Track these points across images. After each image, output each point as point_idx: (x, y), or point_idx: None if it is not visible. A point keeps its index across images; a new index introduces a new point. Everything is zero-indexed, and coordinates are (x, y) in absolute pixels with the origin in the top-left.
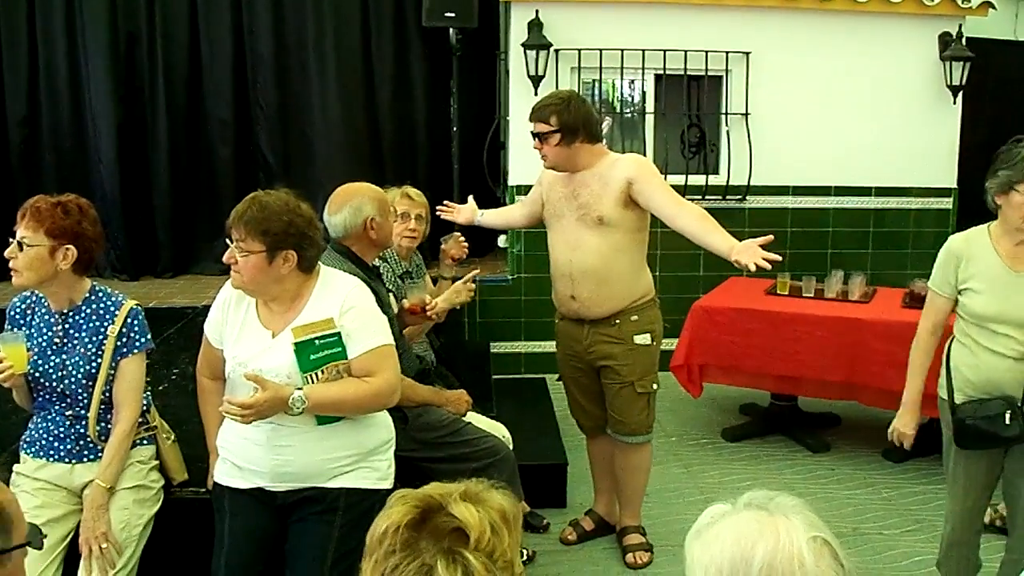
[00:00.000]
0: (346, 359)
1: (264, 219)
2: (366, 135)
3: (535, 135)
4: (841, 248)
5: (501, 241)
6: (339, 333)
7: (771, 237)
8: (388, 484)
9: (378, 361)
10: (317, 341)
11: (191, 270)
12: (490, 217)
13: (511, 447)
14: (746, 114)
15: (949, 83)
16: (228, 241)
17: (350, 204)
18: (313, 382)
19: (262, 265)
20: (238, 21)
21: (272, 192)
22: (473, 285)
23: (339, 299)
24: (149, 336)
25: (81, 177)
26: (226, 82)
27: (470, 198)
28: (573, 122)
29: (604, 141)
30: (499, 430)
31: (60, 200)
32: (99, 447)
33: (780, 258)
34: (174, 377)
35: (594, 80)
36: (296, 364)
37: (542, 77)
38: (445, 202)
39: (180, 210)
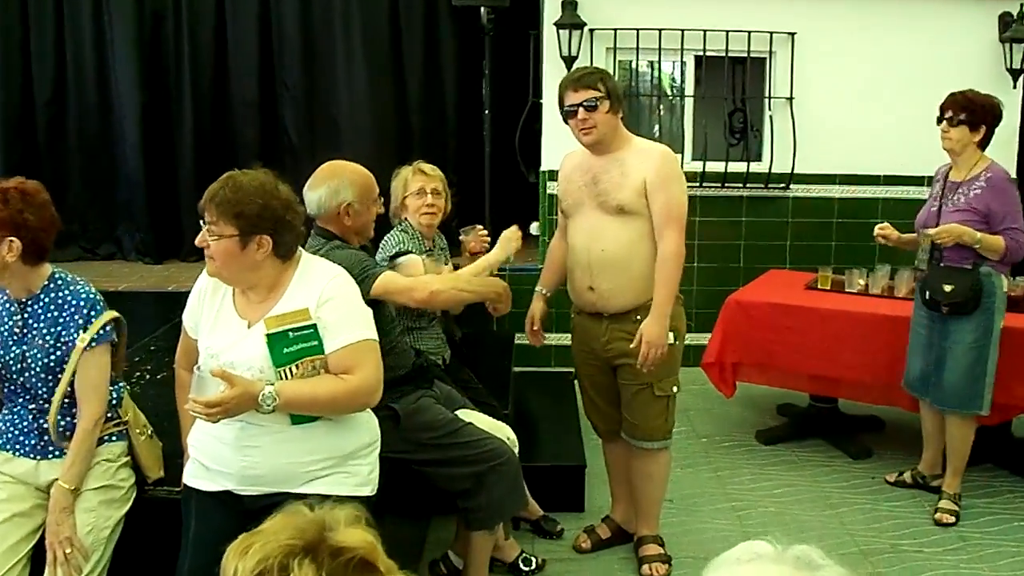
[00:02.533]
0: (323, 354)
1: (237, 201)
2: (394, 117)
3: (579, 106)
4: None
5: (533, 228)
6: (315, 325)
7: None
8: (369, 490)
9: (357, 357)
10: (291, 333)
11: None
12: (551, 278)
13: (516, 449)
14: (790, 98)
15: (1009, 66)
16: (201, 223)
17: (329, 183)
18: (287, 377)
19: (234, 250)
20: (264, 1)
21: (249, 172)
22: (519, 232)
23: (317, 289)
24: (110, 328)
25: (107, 160)
26: (252, 63)
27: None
28: (616, 90)
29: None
30: (502, 431)
31: (1, 187)
32: (63, 445)
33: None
34: None
35: (631, 62)
36: (269, 357)
37: (575, 58)
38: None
39: (204, 192)
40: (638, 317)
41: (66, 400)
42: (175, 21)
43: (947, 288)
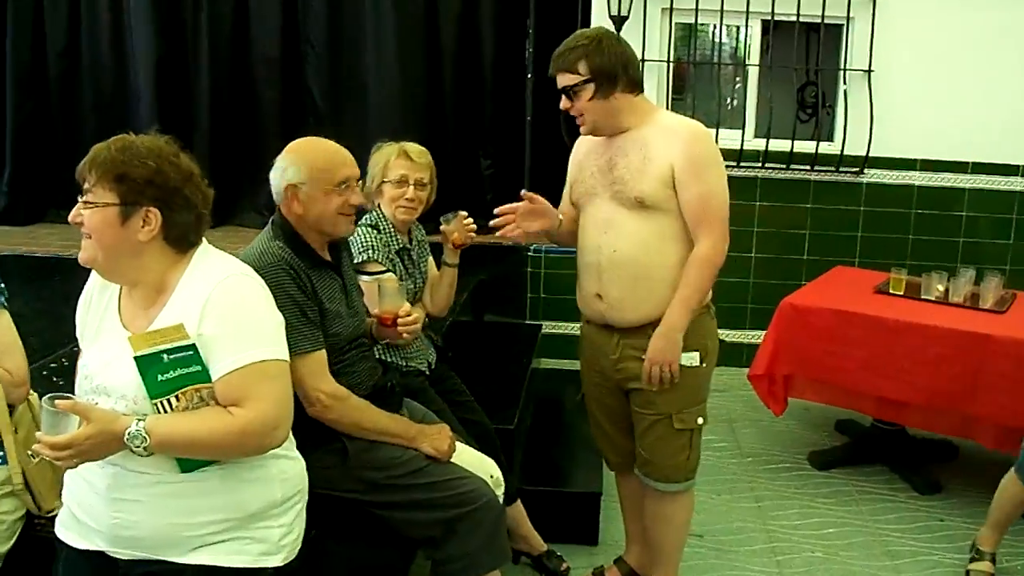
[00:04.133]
0: (209, 381)
1: (123, 161)
2: (426, 77)
3: (562, 91)
4: (976, 238)
5: None
6: (194, 345)
7: None
8: (279, 560)
9: (249, 384)
10: (166, 356)
11: (232, 220)
12: (567, 225)
13: (500, 490)
14: (868, 71)
15: None
16: (79, 198)
17: (279, 161)
18: (167, 411)
19: (112, 223)
20: None
21: (147, 136)
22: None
23: (202, 295)
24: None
25: (119, 116)
26: (273, 17)
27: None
28: (609, 66)
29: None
30: (486, 468)
31: None
32: None
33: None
34: None
35: (689, 25)
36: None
37: (626, 18)
38: (526, 194)
39: (221, 156)
40: (653, 333)
41: None
42: None
43: None
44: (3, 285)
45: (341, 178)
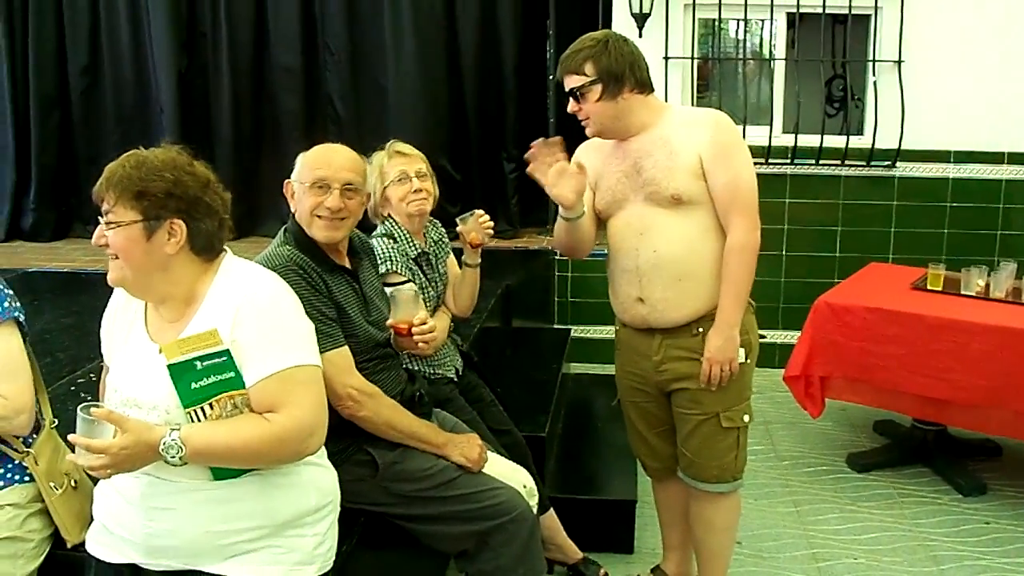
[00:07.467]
0: (243, 387)
1: (140, 178)
2: (447, 82)
3: (569, 94)
4: (1015, 231)
5: None
6: (227, 351)
7: None
8: (313, 571)
9: (285, 390)
10: (198, 363)
11: (256, 231)
12: (588, 219)
13: (535, 501)
14: (899, 62)
15: None
16: (99, 218)
17: None
18: (200, 419)
19: (138, 240)
20: None
21: (157, 149)
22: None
23: (234, 302)
24: (9, 304)
25: (142, 128)
26: (293, 26)
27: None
28: (616, 67)
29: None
30: (518, 478)
31: None
32: None
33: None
34: None
35: (713, 20)
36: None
37: (647, 15)
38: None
39: (244, 165)
40: (699, 330)
41: None
42: None
43: None
44: (18, 304)
45: (315, 178)
